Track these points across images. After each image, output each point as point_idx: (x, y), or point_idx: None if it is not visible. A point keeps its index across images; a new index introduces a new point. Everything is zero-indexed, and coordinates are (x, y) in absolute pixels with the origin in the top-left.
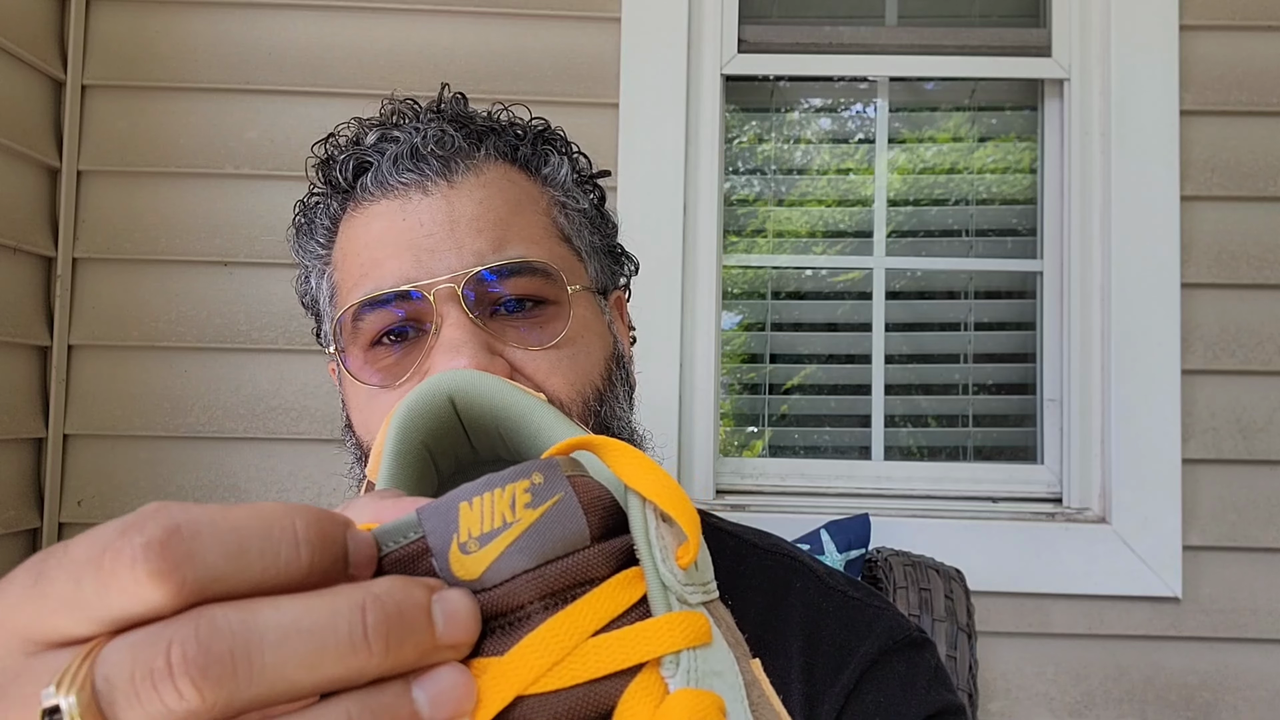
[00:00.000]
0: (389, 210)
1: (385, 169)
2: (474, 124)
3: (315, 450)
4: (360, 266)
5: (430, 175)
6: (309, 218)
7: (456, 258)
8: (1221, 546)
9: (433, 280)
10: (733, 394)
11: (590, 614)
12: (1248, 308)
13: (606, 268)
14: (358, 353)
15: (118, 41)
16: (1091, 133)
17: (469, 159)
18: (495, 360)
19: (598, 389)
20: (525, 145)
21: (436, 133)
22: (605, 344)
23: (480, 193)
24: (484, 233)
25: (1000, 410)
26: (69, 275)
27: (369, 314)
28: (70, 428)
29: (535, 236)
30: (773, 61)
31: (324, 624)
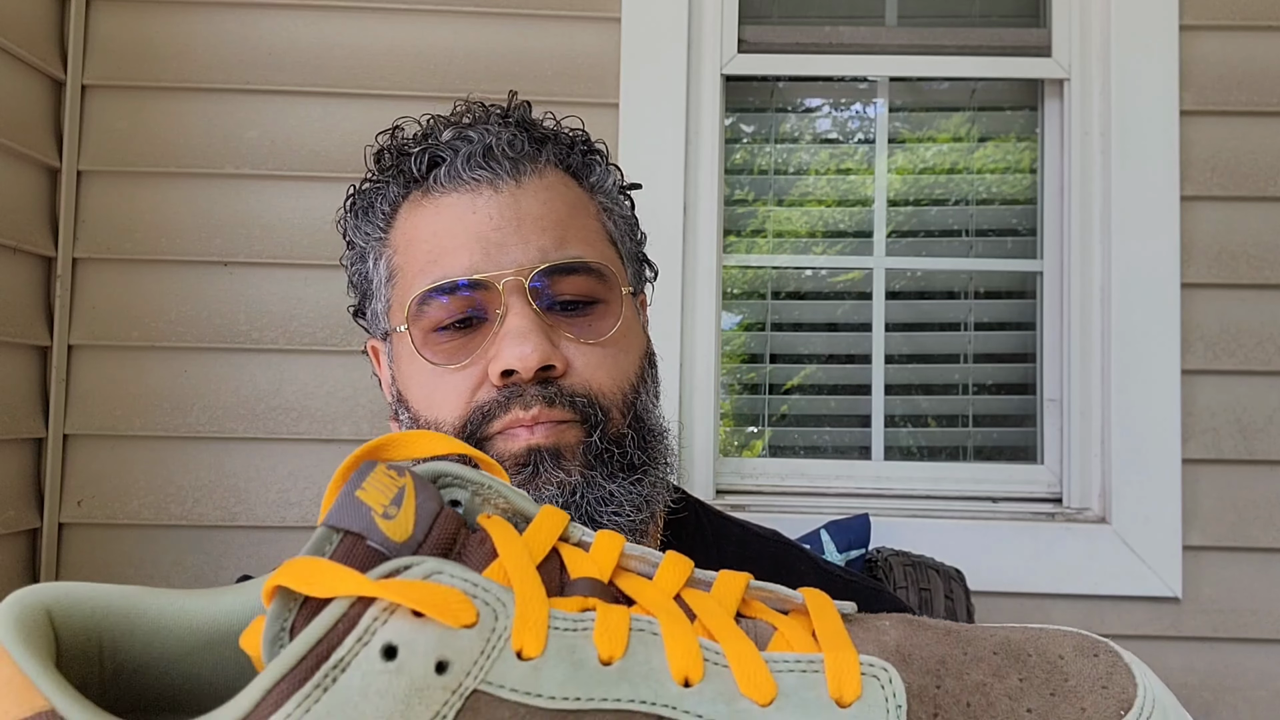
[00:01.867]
0: (459, 203)
1: (459, 164)
2: (536, 130)
3: (315, 450)
4: (428, 253)
5: (501, 174)
6: (368, 201)
7: (522, 252)
8: (1221, 546)
9: (500, 272)
10: (733, 394)
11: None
12: (1248, 308)
13: (637, 272)
14: (419, 334)
15: (118, 41)
16: (1091, 133)
17: (534, 162)
18: (555, 350)
19: (634, 385)
20: (575, 154)
21: (510, 135)
22: (641, 344)
23: (544, 194)
24: (548, 231)
25: (1000, 410)
26: (69, 275)
27: (437, 299)
28: (70, 428)
29: (590, 239)
30: (773, 62)
31: None
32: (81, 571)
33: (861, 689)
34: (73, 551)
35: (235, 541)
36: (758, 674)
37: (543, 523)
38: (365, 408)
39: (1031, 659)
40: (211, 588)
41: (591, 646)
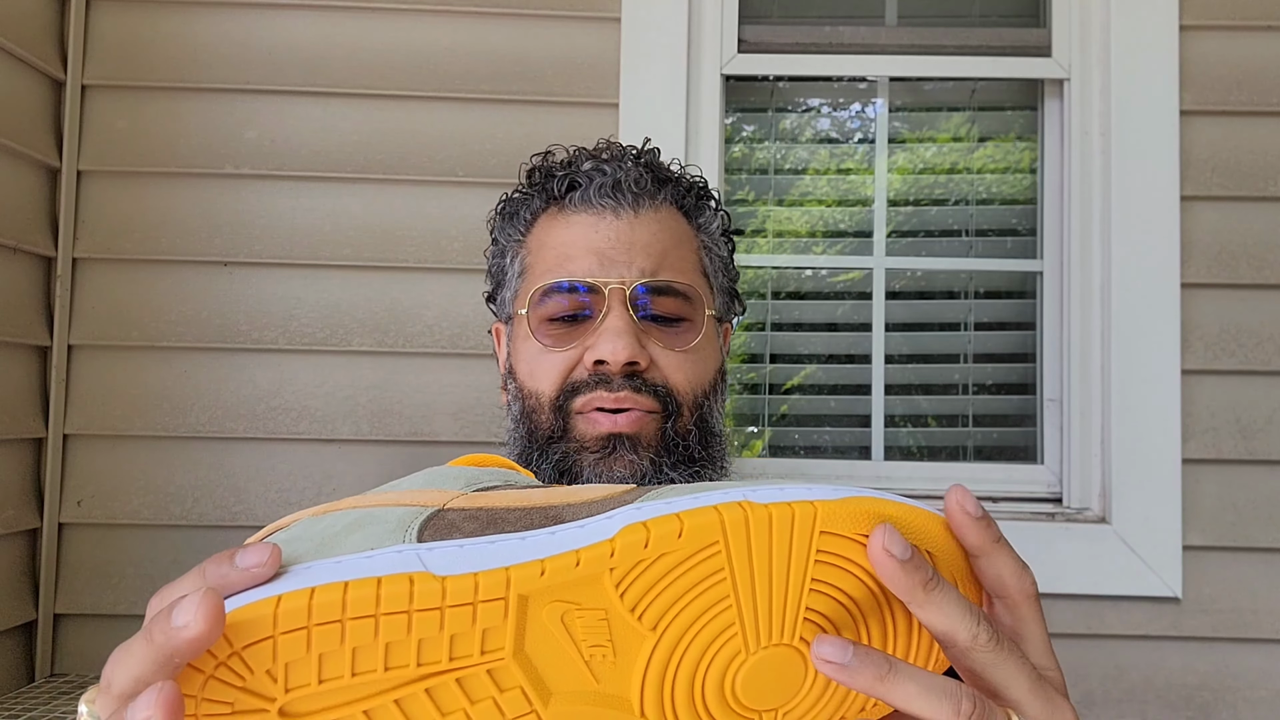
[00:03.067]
0: (586, 222)
1: (593, 191)
2: (660, 172)
3: (315, 450)
4: (555, 258)
5: (624, 205)
6: (514, 209)
7: (628, 269)
8: (1221, 546)
9: (608, 280)
10: (733, 394)
11: None
12: (1248, 308)
13: (726, 304)
14: (535, 320)
15: (118, 41)
16: (1091, 133)
17: (652, 199)
18: (642, 350)
19: (705, 391)
20: (690, 197)
21: (637, 174)
22: (717, 359)
23: (655, 226)
24: (652, 256)
25: (1000, 410)
26: (69, 275)
27: (555, 294)
28: (70, 428)
29: (685, 268)
30: (773, 61)
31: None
32: (81, 571)
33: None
34: (73, 551)
35: (235, 541)
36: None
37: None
38: (365, 408)
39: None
40: None
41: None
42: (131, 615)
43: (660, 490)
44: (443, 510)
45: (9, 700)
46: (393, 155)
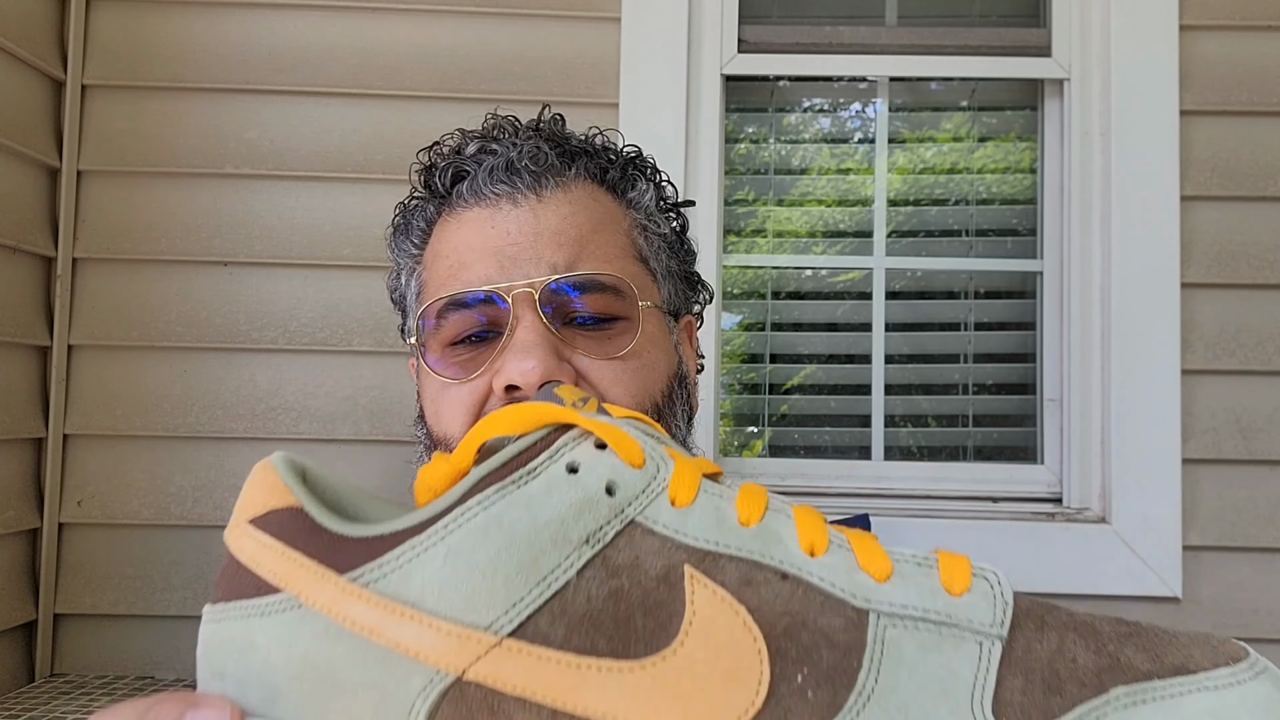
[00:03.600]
0: (480, 217)
1: (481, 178)
2: (568, 144)
3: (315, 451)
4: (448, 268)
5: (521, 188)
6: (406, 219)
7: (535, 267)
8: (1222, 546)
9: (511, 285)
10: (733, 394)
11: None
12: (1248, 308)
13: (680, 292)
14: (437, 348)
15: (118, 41)
16: (1091, 133)
17: (559, 176)
18: (563, 365)
19: (657, 404)
20: (615, 169)
21: (532, 149)
22: (670, 362)
23: (566, 208)
24: (564, 247)
25: (1000, 410)
26: (69, 275)
27: (451, 313)
28: (70, 428)
29: (611, 255)
30: (773, 61)
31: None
32: (81, 571)
33: (972, 584)
34: (73, 551)
35: None
36: (877, 556)
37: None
38: (365, 408)
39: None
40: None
41: (733, 510)
42: (131, 615)
43: None
44: (463, 682)
45: (9, 700)
46: (393, 155)
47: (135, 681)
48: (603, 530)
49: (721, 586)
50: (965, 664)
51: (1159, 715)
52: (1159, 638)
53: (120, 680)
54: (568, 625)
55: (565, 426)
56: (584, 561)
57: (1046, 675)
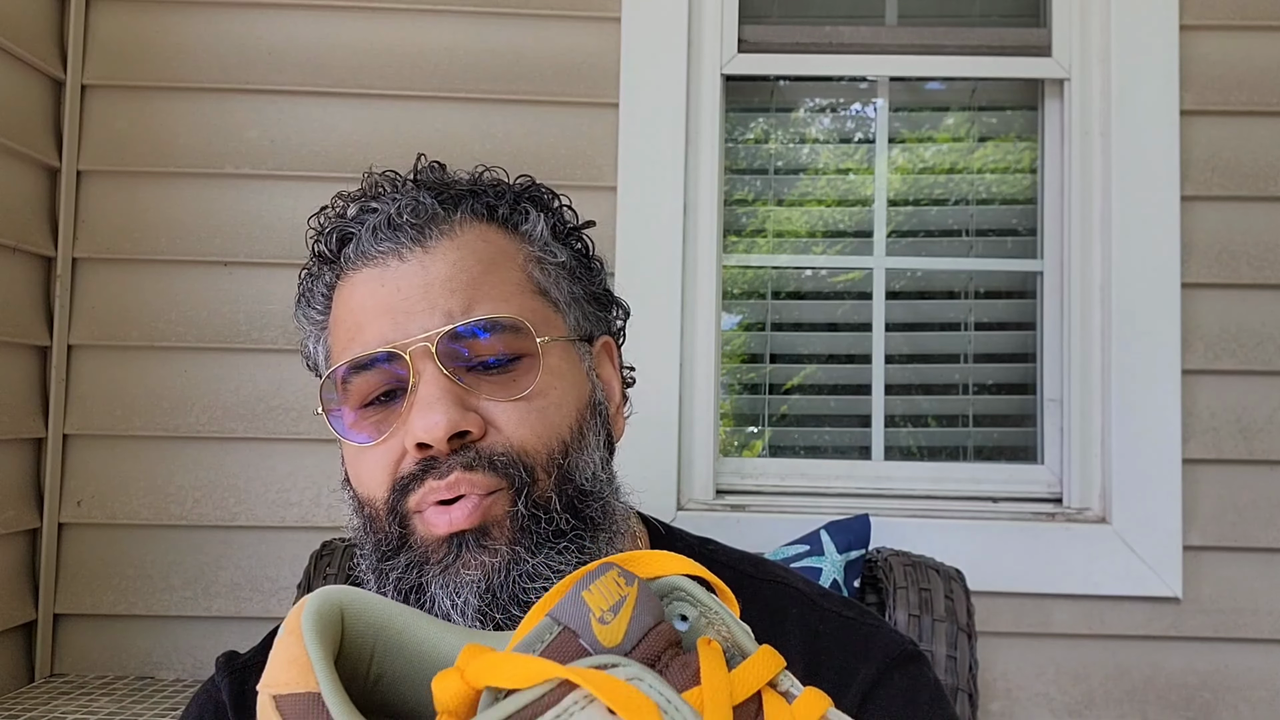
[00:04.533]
0: (370, 278)
1: (365, 239)
2: (450, 189)
3: (315, 450)
4: (347, 332)
5: (405, 243)
6: (308, 286)
7: (429, 318)
8: (1221, 546)
9: (408, 340)
10: (733, 394)
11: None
12: (1248, 308)
13: (590, 315)
14: (349, 412)
15: (117, 41)
16: (1091, 133)
17: (443, 224)
18: (469, 415)
19: (564, 441)
20: (504, 204)
21: (411, 202)
22: (580, 394)
23: (454, 255)
24: (456, 293)
25: (1000, 410)
26: (69, 275)
27: (355, 376)
28: (70, 428)
29: (507, 293)
30: (773, 61)
31: None
32: (81, 571)
33: None
34: (72, 551)
35: (235, 541)
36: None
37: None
38: None
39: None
40: (472, 629)
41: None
42: (131, 615)
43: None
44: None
45: (9, 700)
46: (393, 155)
47: (135, 682)
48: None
49: None
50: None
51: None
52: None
53: (120, 680)
54: None
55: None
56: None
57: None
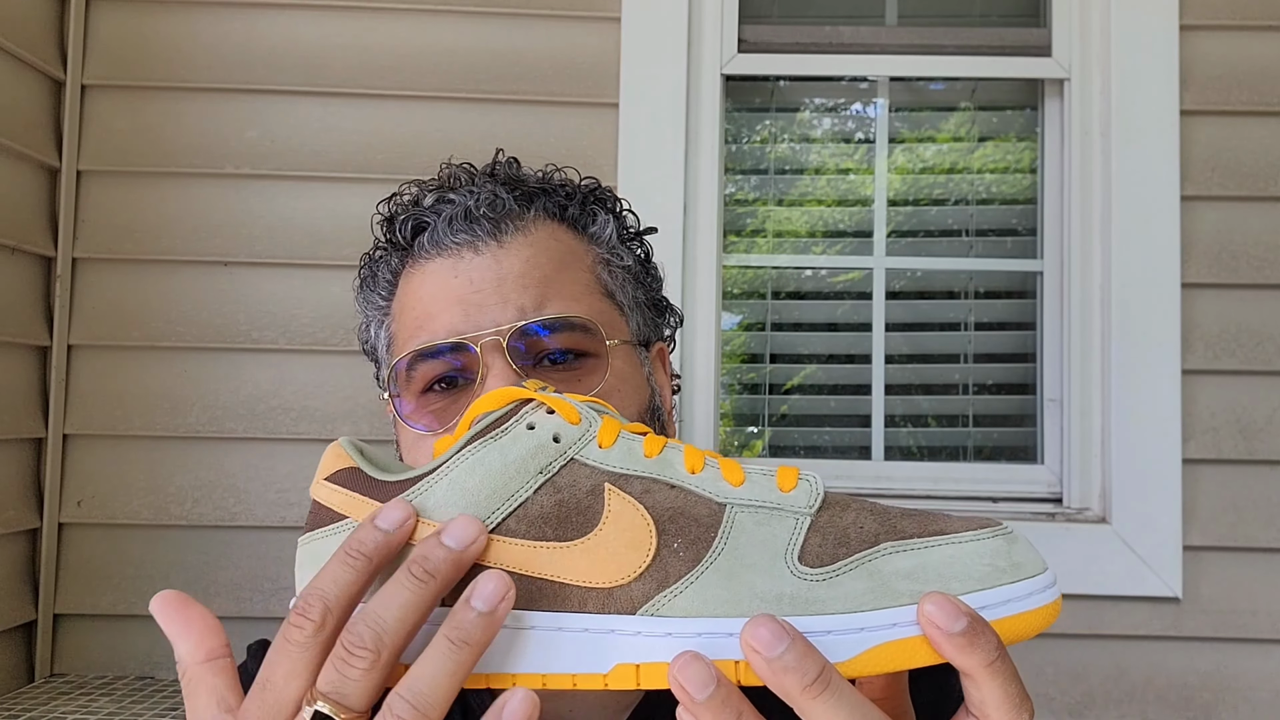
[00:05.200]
0: (443, 268)
1: (440, 229)
2: (525, 185)
3: (315, 450)
4: (415, 320)
5: (481, 236)
6: (372, 271)
7: (501, 312)
8: (1221, 547)
9: (479, 333)
10: (733, 394)
11: None
12: (1248, 308)
13: (650, 320)
14: (410, 399)
15: (117, 41)
16: (1091, 132)
17: (519, 220)
18: None
19: None
20: (574, 205)
21: (489, 196)
22: (641, 397)
23: (527, 251)
24: (529, 289)
25: (1000, 410)
26: (69, 275)
27: (421, 364)
28: (70, 428)
29: (577, 293)
30: (773, 61)
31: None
32: (81, 571)
33: (798, 484)
34: (72, 551)
35: (235, 541)
36: (736, 472)
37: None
38: (365, 408)
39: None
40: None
41: (641, 449)
42: (131, 615)
43: (679, 588)
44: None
45: (9, 700)
46: (393, 155)
47: (135, 681)
48: (551, 464)
49: (629, 495)
50: (784, 531)
51: (910, 560)
52: (933, 517)
53: (120, 680)
54: (527, 524)
55: (527, 400)
56: (538, 485)
57: (839, 536)
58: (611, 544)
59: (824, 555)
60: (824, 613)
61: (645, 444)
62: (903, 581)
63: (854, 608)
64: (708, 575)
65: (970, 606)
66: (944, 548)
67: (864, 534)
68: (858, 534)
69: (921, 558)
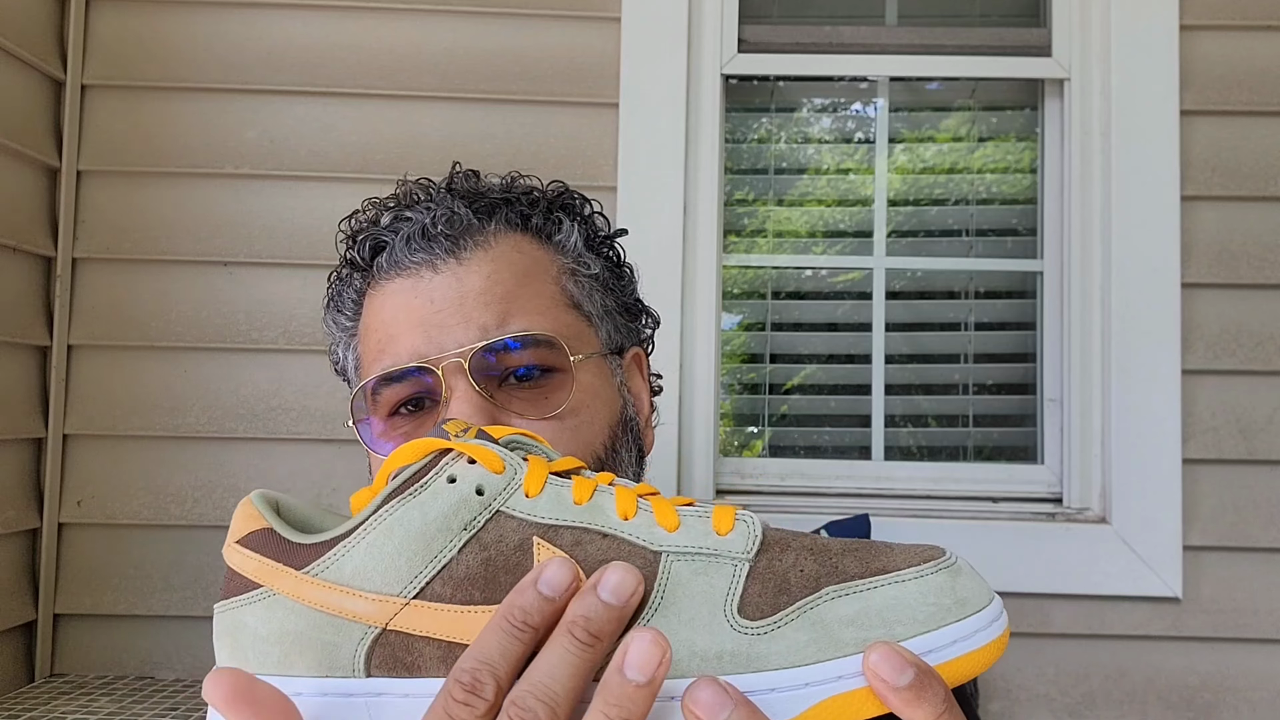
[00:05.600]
0: (403, 288)
1: (399, 249)
2: (484, 199)
3: (315, 450)
4: (378, 342)
5: (439, 254)
6: (338, 291)
7: (464, 332)
8: (1222, 547)
9: (441, 355)
10: (733, 394)
11: None
12: (1248, 308)
13: (621, 327)
14: (378, 422)
15: (117, 41)
16: (1091, 133)
17: (478, 235)
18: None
19: (598, 458)
20: (538, 214)
21: (446, 212)
22: (612, 409)
23: (488, 267)
24: (490, 306)
25: (1000, 410)
26: (69, 275)
27: (386, 388)
28: (70, 428)
29: (541, 307)
30: (773, 61)
31: (564, 662)
32: (81, 571)
33: (734, 526)
34: (72, 551)
35: None
36: (669, 515)
37: (564, 461)
38: None
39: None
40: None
41: (570, 495)
42: (131, 615)
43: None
44: (386, 631)
45: (9, 700)
46: (393, 155)
47: (135, 682)
48: (475, 519)
49: (559, 549)
50: (722, 580)
51: (853, 604)
52: (875, 550)
53: (120, 680)
54: (454, 586)
55: (445, 450)
56: (463, 543)
57: (779, 582)
58: None
59: (763, 605)
60: (766, 668)
61: (574, 489)
62: (846, 629)
63: (797, 661)
64: None
65: (916, 655)
66: (886, 588)
67: (804, 577)
68: (798, 578)
69: (864, 601)
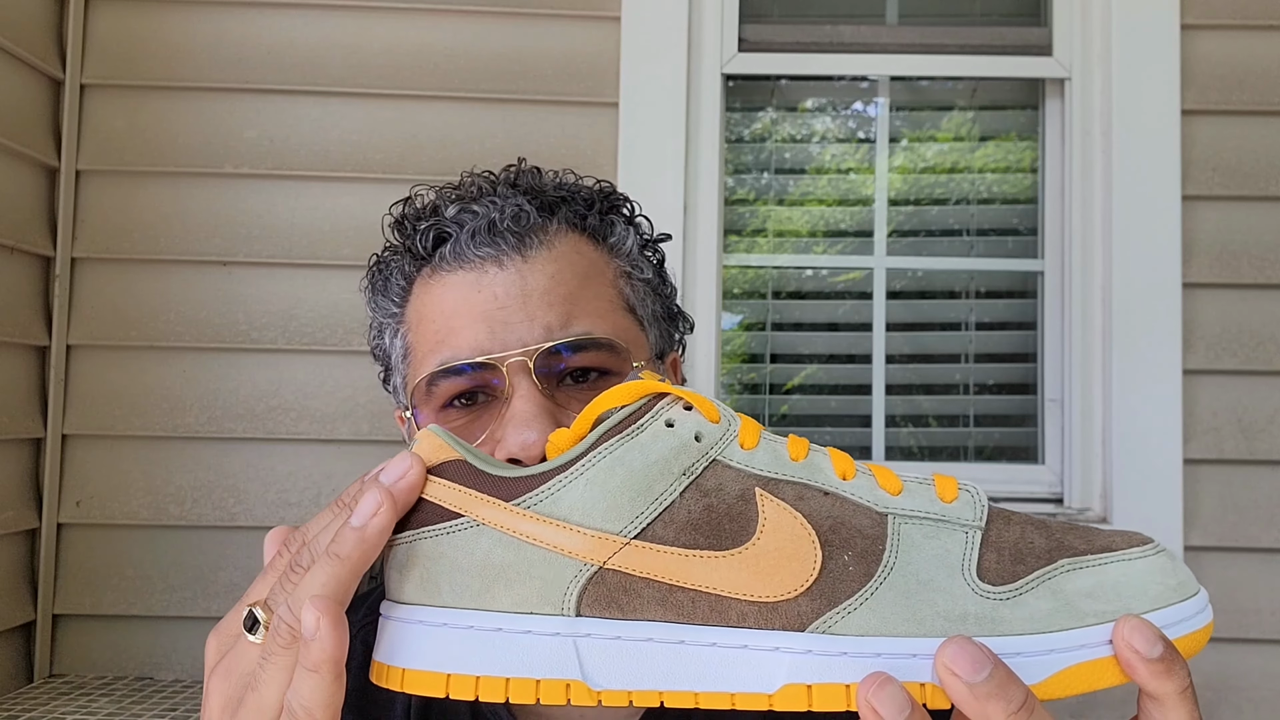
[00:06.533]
0: (465, 281)
1: (464, 242)
2: (546, 195)
3: (314, 450)
4: (436, 333)
5: (505, 250)
6: (384, 275)
7: (528, 330)
8: (1222, 547)
9: (505, 353)
10: (733, 394)
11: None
12: (1249, 307)
13: (665, 332)
14: (429, 414)
15: (117, 41)
16: (1092, 132)
17: (542, 233)
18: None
19: None
20: (593, 215)
21: (513, 208)
22: None
23: (552, 266)
24: (554, 306)
25: (1001, 410)
26: (68, 275)
27: (444, 381)
28: (69, 428)
29: (602, 310)
30: (773, 61)
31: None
32: (81, 571)
33: (959, 495)
34: (71, 551)
35: (234, 542)
36: (891, 479)
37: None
38: (365, 408)
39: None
40: None
41: (786, 451)
42: (131, 615)
43: (847, 606)
44: (604, 570)
45: (9, 700)
46: (393, 155)
47: (135, 682)
48: (695, 465)
49: (783, 501)
50: (955, 545)
51: (1089, 578)
52: (1090, 530)
53: (120, 680)
54: (676, 530)
55: (660, 395)
56: (683, 487)
57: (1014, 552)
58: (772, 555)
59: (1002, 572)
60: (1010, 633)
61: (789, 446)
62: (1086, 601)
63: (1040, 628)
64: (882, 592)
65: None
66: (1117, 565)
67: (1036, 550)
68: (1030, 550)
69: (1099, 575)
